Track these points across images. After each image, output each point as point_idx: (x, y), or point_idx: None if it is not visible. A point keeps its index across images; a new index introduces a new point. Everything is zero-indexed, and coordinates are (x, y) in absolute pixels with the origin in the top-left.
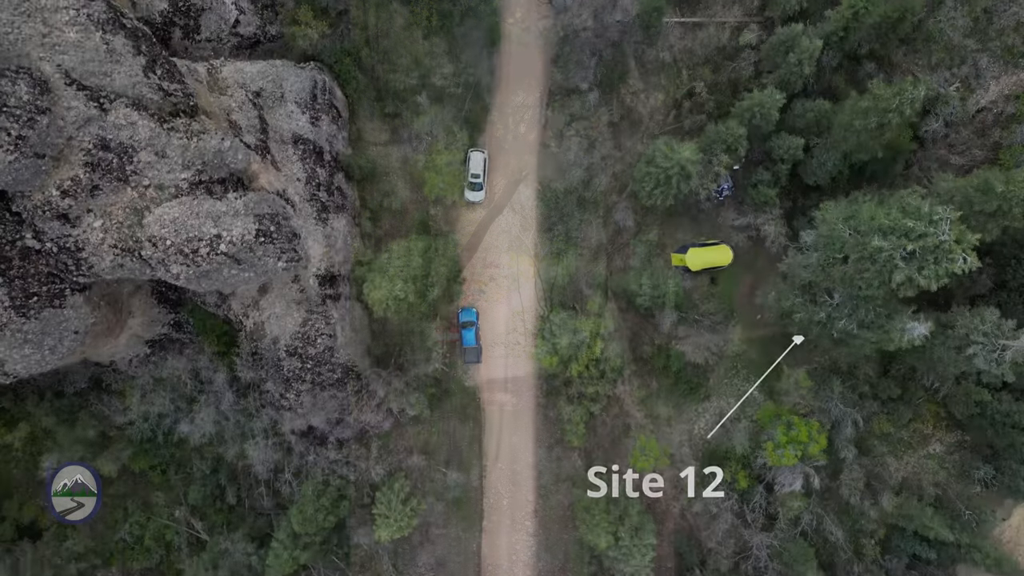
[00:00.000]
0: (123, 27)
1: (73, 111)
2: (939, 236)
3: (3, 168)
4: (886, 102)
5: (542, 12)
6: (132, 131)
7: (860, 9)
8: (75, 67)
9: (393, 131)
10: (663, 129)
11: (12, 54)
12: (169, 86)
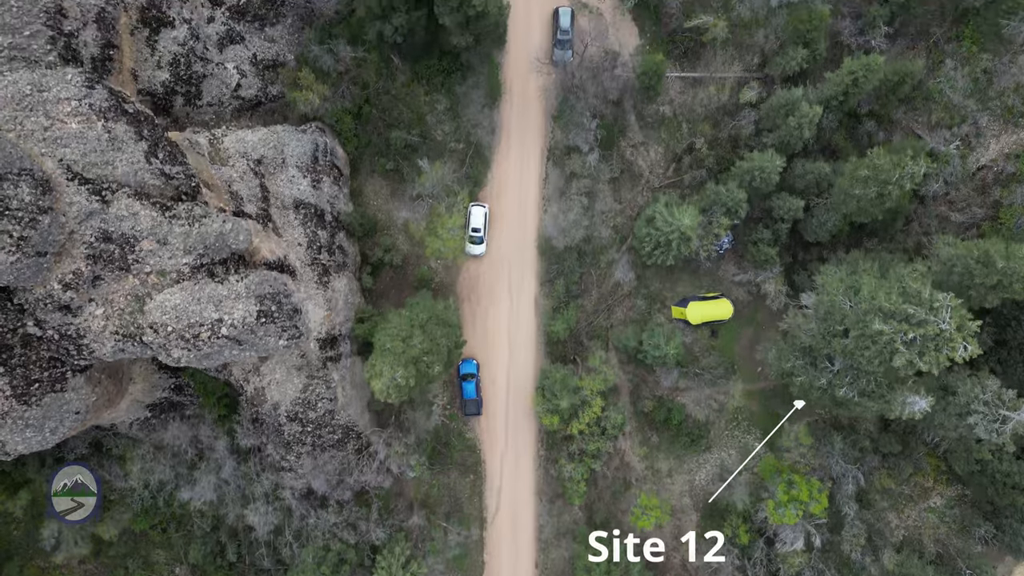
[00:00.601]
0: (125, 113)
1: (75, 206)
2: (940, 324)
3: (5, 269)
4: (886, 174)
5: (542, 68)
6: (134, 221)
7: (860, 76)
8: (77, 160)
9: (394, 186)
10: (663, 182)
11: (14, 156)
12: (171, 169)
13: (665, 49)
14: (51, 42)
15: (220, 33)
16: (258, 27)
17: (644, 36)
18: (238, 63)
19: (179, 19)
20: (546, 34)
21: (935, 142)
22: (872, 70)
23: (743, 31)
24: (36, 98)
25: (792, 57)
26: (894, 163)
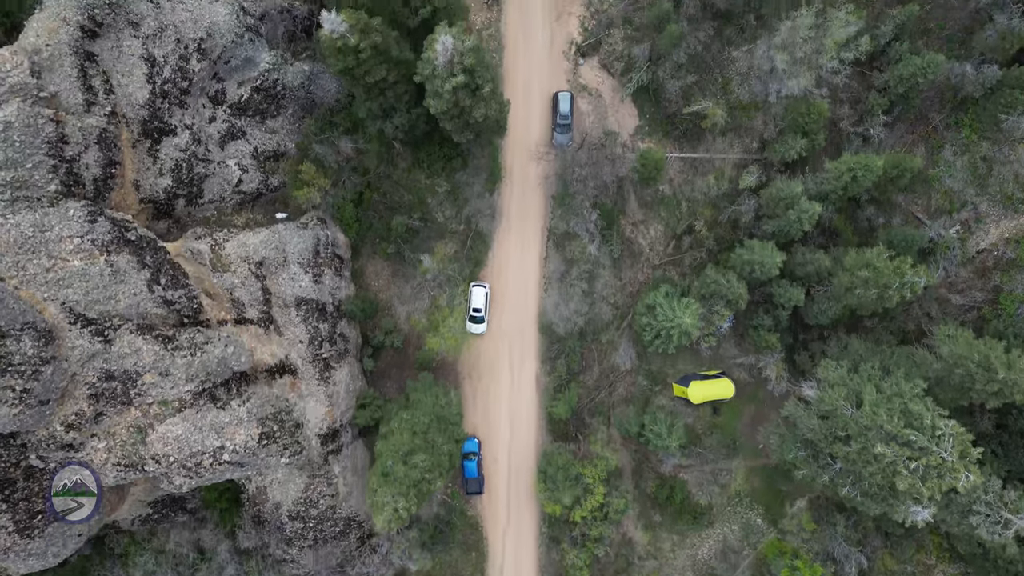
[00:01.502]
0: (127, 243)
1: (78, 350)
2: (941, 454)
3: (7, 421)
4: (886, 278)
5: (543, 154)
6: (136, 358)
7: (858, 173)
8: (79, 300)
9: (395, 267)
10: (663, 260)
11: (17, 311)
12: (173, 295)
13: (664, 130)
14: (53, 171)
15: (222, 131)
16: (259, 120)
17: (643, 117)
18: (239, 159)
19: (181, 126)
20: (546, 118)
21: (935, 230)
22: (870, 169)
23: (742, 114)
24: (38, 239)
25: (791, 146)
26: (894, 269)
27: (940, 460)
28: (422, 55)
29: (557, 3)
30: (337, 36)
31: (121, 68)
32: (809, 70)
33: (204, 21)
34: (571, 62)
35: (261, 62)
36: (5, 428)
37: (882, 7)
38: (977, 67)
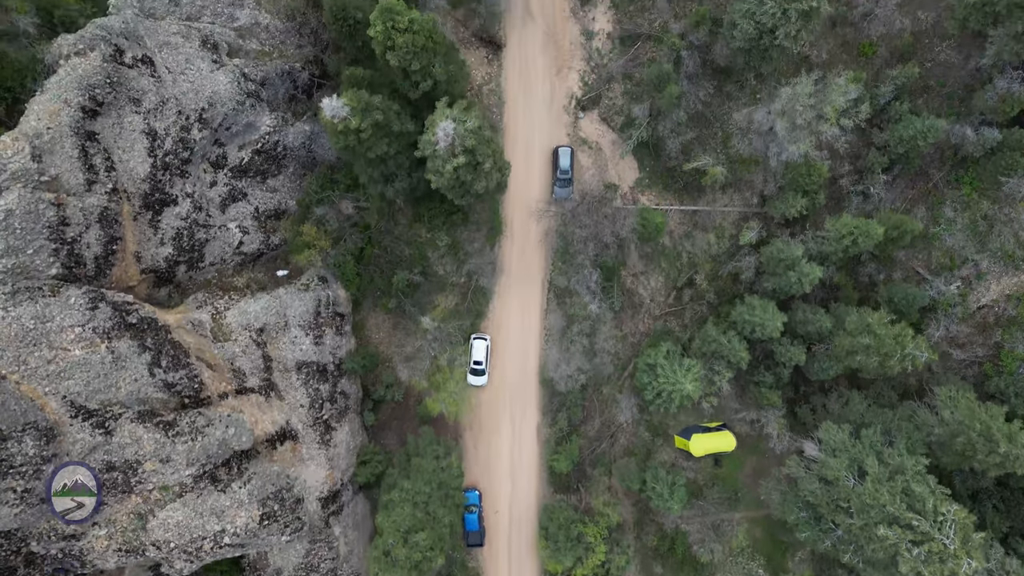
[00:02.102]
0: (128, 327)
1: (79, 443)
2: (943, 541)
3: (9, 520)
4: (888, 347)
5: (543, 209)
6: (137, 447)
7: (859, 237)
8: (80, 391)
9: (396, 320)
10: (664, 311)
11: (19, 412)
12: (175, 376)
13: (665, 182)
14: (54, 254)
15: (223, 195)
16: (260, 180)
17: (644, 170)
18: (240, 221)
19: (182, 195)
20: (546, 172)
21: (936, 288)
22: (870, 236)
23: (742, 168)
24: (39, 331)
25: (792, 204)
26: (895, 337)
27: (943, 547)
28: (423, 135)
29: (557, 58)
30: (339, 120)
31: (122, 144)
32: (810, 135)
33: (206, 91)
34: (571, 116)
35: (262, 126)
36: (6, 527)
37: (882, 65)
38: (977, 129)
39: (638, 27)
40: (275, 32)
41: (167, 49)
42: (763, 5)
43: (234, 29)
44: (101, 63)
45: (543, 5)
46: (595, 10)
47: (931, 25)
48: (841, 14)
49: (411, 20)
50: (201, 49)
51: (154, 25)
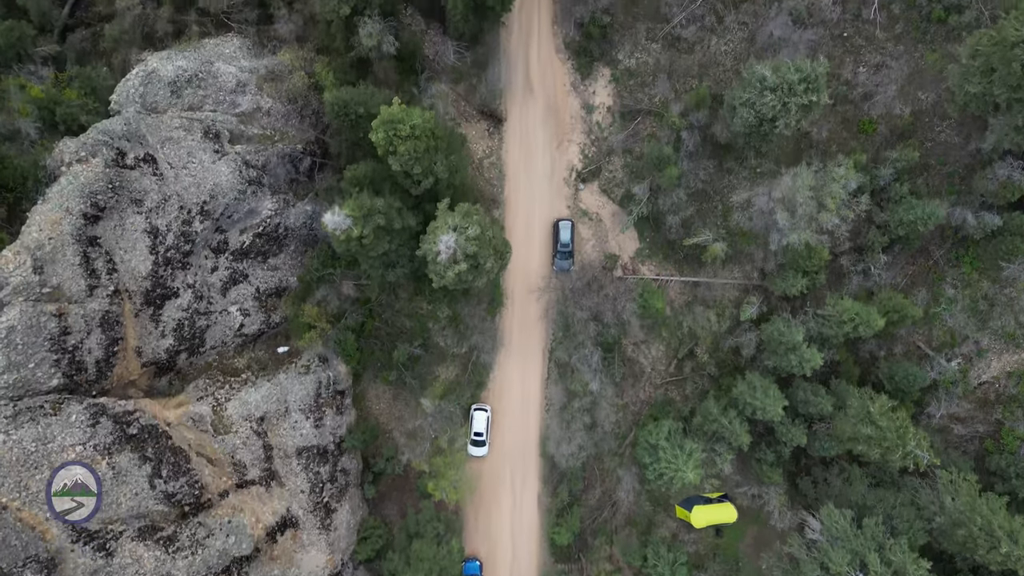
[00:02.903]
0: (129, 439)
1: (80, 568)
2: None
3: None
4: (889, 440)
5: (543, 284)
6: (138, 566)
7: (859, 325)
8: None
9: (396, 391)
10: (665, 380)
11: (19, 547)
12: (175, 485)
13: (665, 253)
14: (55, 365)
15: (224, 279)
16: (261, 260)
17: (644, 240)
18: (241, 304)
19: (183, 286)
20: (547, 244)
21: (936, 369)
22: (871, 325)
23: (742, 240)
24: (40, 452)
25: (792, 283)
26: (897, 431)
27: None
28: (424, 237)
29: (558, 131)
30: (341, 232)
31: (124, 245)
32: (810, 223)
33: (207, 184)
34: (572, 188)
35: (264, 210)
36: None
37: (882, 143)
38: (977, 212)
39: (638, 102)
40: (277, 115)
41: (169, 144)
42: (763, 97)
43: (236, 115)
44: (103, 169)
45: (543, 80)
46: (595, 84)
47: (931, 105)
48: (841, 93)
49: (413, 127)
50: (203, 140)
51: (156, 121)
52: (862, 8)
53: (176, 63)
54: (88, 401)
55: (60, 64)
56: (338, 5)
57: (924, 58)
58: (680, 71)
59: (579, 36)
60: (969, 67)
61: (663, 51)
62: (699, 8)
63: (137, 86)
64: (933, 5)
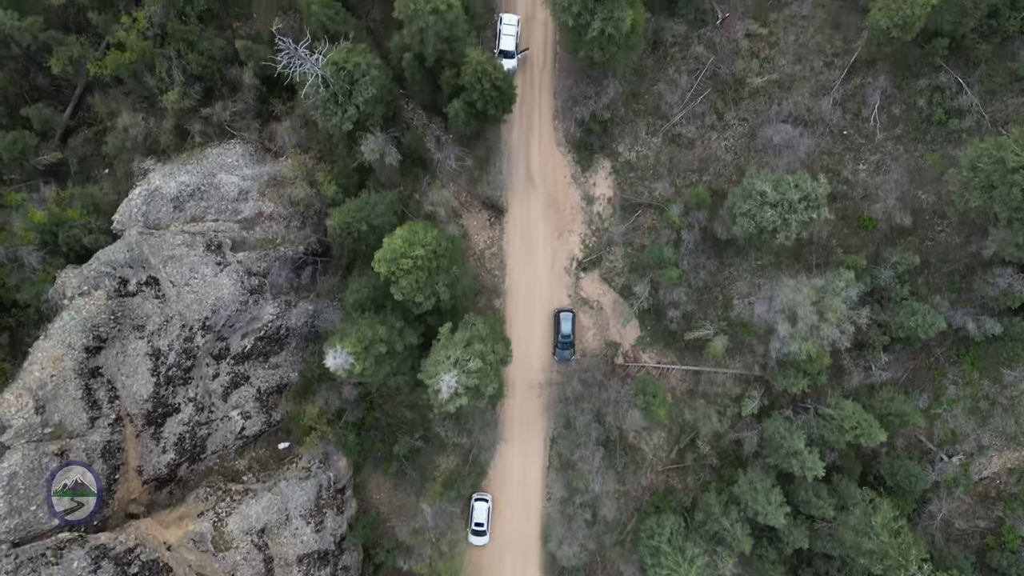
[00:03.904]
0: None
1: None
2: None
3: None
4: (891, 559)
5: (544, 378)
6: None
7: (861, 434)
8: None
9: (397, 481)
10: (667, 466)
11: None
12: None
13: (666, 341)
14: None
15: (225, 384)
16: (262, 360)
17: (645, 329)
18: (242, 407)
19: (184, 401)
20: (548, 334)
21: (938, 469)
22: (872, 436)
23: (743, 330)
24: None
25: (793, 384)
26: (899, 549)
27: None
28: (424, 372)
29: (558, 222)
30: (344, 371)
31: (126, 370)
32: (811, 332)
33: (209, 299)
34: (572, 277)
35: (265, 315)
36: None
37: (882, 240)
38: (978, 317)
39: (638, 196)
40: (279, 218)
41: (172, 263)
42: (763, 210)
43: (238, 222)
44: (106, 301)
45: (544, 172)
46: (595, 176)
47: (931, 204)
48: (841, 192)
49: (415, 258)
50: (205, 253)
51: (159, 241)
52: (862, 108)
53: (179, 179)
54: (89, 544)
55: (62, 175)
56: (340, 121)
57: (924, 157)
58: (681, 166)
59: (579, 132)
60: (969, 179)
61: (663, 145)
62: (699, 106)
63: (140, 205)
64: (934, 108)
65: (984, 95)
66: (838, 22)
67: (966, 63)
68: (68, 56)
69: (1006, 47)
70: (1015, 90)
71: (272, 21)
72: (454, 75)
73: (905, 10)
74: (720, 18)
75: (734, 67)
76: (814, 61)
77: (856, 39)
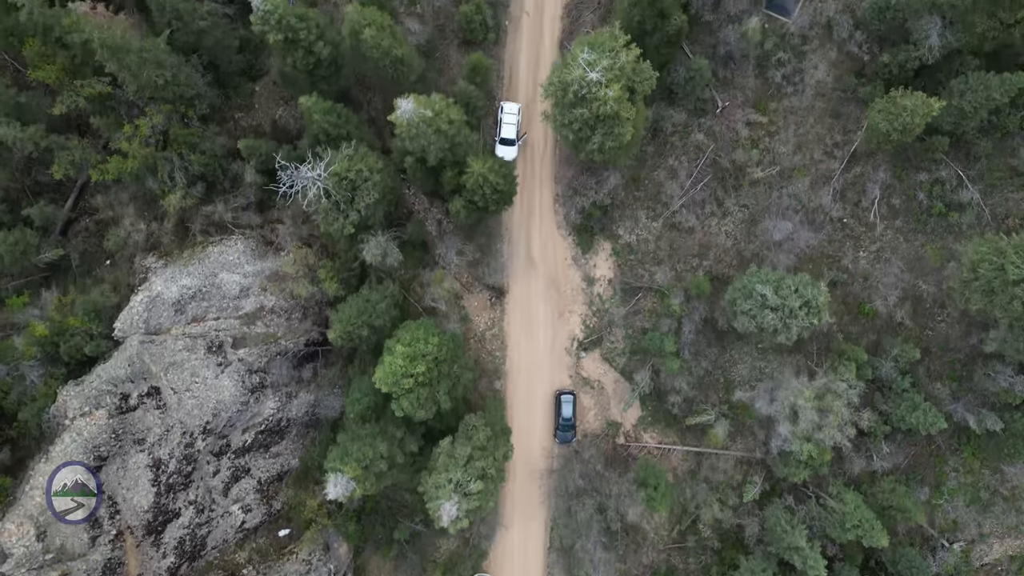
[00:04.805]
0: None
1: None
2: None
3: None
4: None
5: (544, 466)
6: None
7: (862, 534)
8: None
9: (397, 562)
10: (668, 545)
11: None
12: None
13: (667, 421)
14: None
15: (225, 479)
16: (263, 451)
17: (646, 408)
18: (243, 500)
19: (185, 505)
20: (548, 415)
21: (939, 561)
22: (874, 538)
23: (744, 413)
24: None
25: (795, 473)
26: None
27: None
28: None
29: (559, 303)
30: (345, 496)
31: (126, 484)
32: (813, 430)
33: (210, 403)
34: (573, 357)
35: (266, 411)
36: None
37: (882, 327)
38: (978, 412)
39: (639, 279)
40: (280, 312)
41: (173, 369)
42: (764, 313)
43: (239, 318)
44: (107, 420)
45: (545, 254)
46: (596, 257)
47: (932, 294)
48: (841, 280)
49: (415, 375)
50: (206, 356)
51: (159, 349)
52: (862, 198)
53: (180, 283)
54: None
55: (63, 268)
56: (343, 226)
57: (924, 247)
58: (681, 251)
59: (580, 217)
60: (970, 280)
61: (664, 231)
62: (699, 193)
63: (141, 312)
64: (934, 200)
65: (985, 189)
66: (838, 112)
67: (966, 156)
68: (70, 160)
69: (1006, 143)
70: (1015, 185)
71: (274, 111)
72: (456, 174)
73: (905, 118)
74: (720, 107)
75: (734, 155)
76: (814, 150)
77: (856, 129)
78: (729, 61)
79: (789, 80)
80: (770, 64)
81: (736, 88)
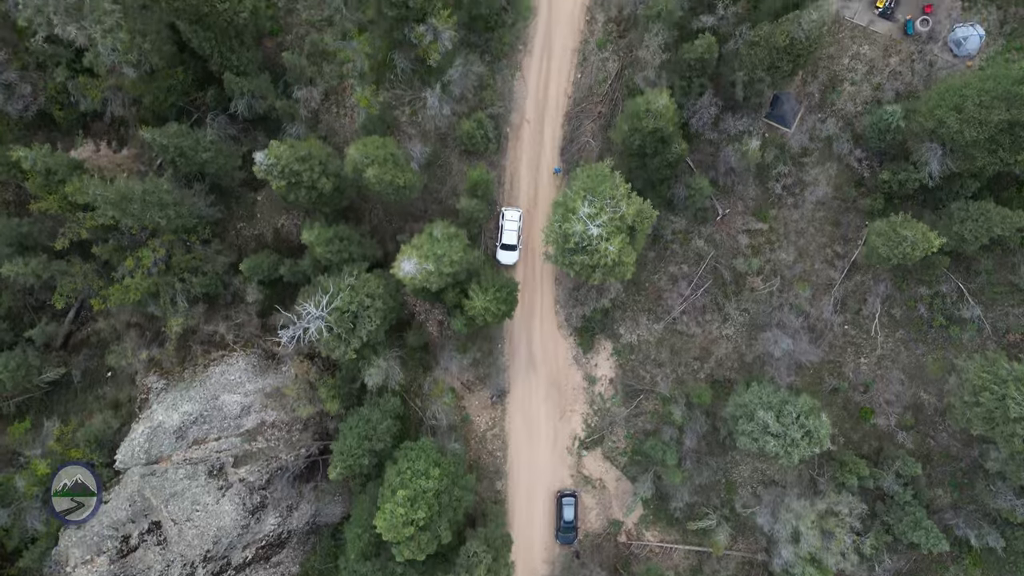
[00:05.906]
0: None
1: None
2: None
3: None
4: None
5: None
6: None
7: None
8: None
9: None
10: None
11: None
12: None
13: (668, 519)
14: None
15: None
16: (263, 563)
17: (648, 507)
18: None
19: None
20: (549, 514)
21: None
22: None
23: (746, 514)
24: None
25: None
26: None
27: None
28: None
29: (560, 402)
30: None
31: None
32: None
33: (211, 531)
34: (574, 456)
35: (267, 527)
36: None
37: (884, 436)
38: (979, 526)
39: (640, 380)
40: (280, 426)
41: (173, 500)
42: (766, 438)
43: (240, 435)
44: (108, 566)
45: (545, 354)
46: (597, 357)
47: (933, 404)
48: (842, 388)
49: (415, 520)
50: (207, 481)
51: (160, 481)
52: (862, 307)
53: (181, 410)
54: None
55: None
56: (344, 352)
57: (925, 356)
58: (683, 354)
59: (581, 320)
60: (971, 405)
61: (665, 334)
62: (700, 298)
63: (142, 443)
64: (935, 313)
65: (985, 302)
66: (838, 220)
67: (967, 270)
68: (72, 287)
69: (1007, 259)
70: (1016, 300)
71: (277, 220)
72: (458, 294)
73: (905, 247)
74: (720, 215)
75: (735, 263)
76: (814, 259)
77: (856, 238)
78: (730, 172)
79: (789, 191)
80: (770, 175)
81: (736, 197)
